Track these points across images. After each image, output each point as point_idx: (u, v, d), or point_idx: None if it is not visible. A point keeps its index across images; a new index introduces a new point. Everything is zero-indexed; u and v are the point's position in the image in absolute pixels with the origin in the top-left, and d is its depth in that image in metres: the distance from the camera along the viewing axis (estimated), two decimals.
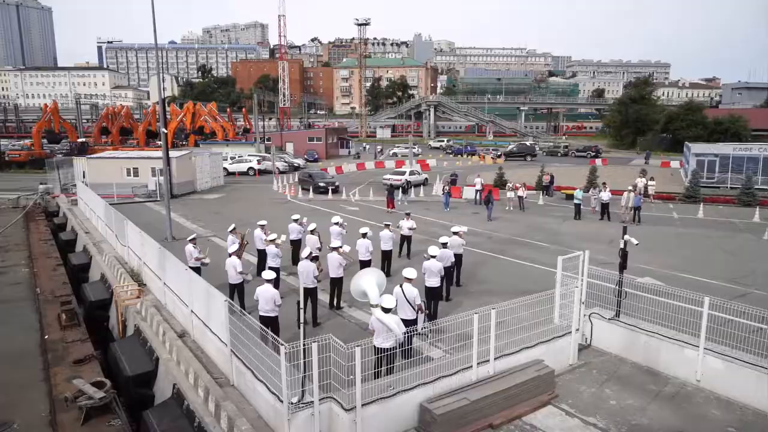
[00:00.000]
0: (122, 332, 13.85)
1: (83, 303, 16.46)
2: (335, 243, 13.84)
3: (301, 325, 7.81)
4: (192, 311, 11.04)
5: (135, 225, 16.62)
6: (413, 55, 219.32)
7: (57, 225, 28.52)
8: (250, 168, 47.97)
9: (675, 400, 9.21)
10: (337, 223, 16.69)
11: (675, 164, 53.16)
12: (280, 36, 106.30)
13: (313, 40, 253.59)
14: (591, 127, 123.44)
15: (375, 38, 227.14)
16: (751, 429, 8.37)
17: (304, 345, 7.38)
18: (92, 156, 38.08)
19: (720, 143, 43.80)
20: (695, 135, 62.94)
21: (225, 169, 44.04)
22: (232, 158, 49.41)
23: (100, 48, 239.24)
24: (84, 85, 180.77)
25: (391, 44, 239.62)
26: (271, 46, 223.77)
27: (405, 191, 33.04)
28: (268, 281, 10.42)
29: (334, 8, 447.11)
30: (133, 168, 33.45)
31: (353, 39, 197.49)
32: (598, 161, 55.03)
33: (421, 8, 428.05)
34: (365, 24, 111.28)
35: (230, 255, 12.86)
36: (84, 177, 33.14)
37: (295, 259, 17.06)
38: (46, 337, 13.35)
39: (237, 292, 12.57)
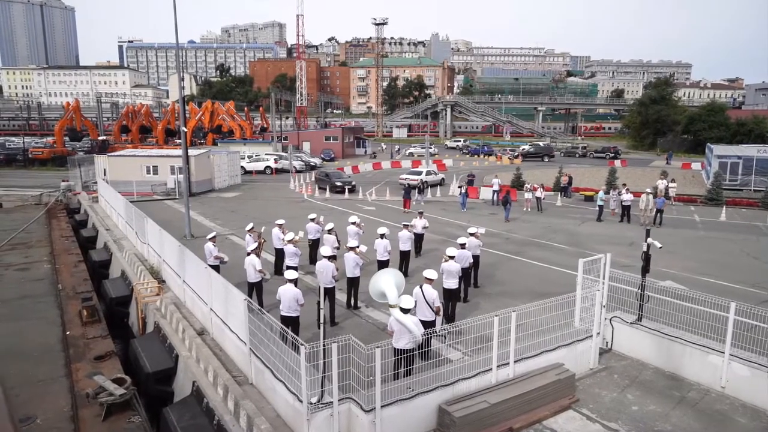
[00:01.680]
0: (142, 329, 14.00)
1: (103, 299, 16.68)
2: (352, 243, 13.83)
3: (321, 325, 7.80)
4: (211, 309, 11.11)
5: (154, 222, 16.81)
6: (430, 54, 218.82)
7: (78, 222, 29.00)
8: (267, 167, 48.26)
9: (699, 406, 9.03)
10: (354, 223, 16.67)
11: (696, 166, 52.27)
12: (298, 35, 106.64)
13: (330, 39, 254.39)
14: (610, 128, 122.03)
15: (392, 38, 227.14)
16: None
17: (324, 345, 7.38)
18: (113, 154, 38.61)
19: (743, 145, 42.90)
20: (717, 136, 61.86)
21: (242, 167, 44.36)
22: (249, 157, 49.76)
23: (120, 47, 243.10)
24: (105, 83, 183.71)
25: (408, 44, 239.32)
26: (289, 46, 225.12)
27: (420, 191, 32.94)
28: (290, 281, 10.41)
29: (351, 8, 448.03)
30: (153, 166, 33.82)
31: (370, 38, 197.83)
32: (617, 162, 54.35)
33: (438, 8, 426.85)
34: (382, 24, 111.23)
35: (249, 254, 12.92)
36: (105, 175, 33.62)
37: (313, 259, 17.17)
38: (68, 333, 13.56)
39: (255, 290, 12.62)
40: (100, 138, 62.70)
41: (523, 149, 68.08)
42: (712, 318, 9.56)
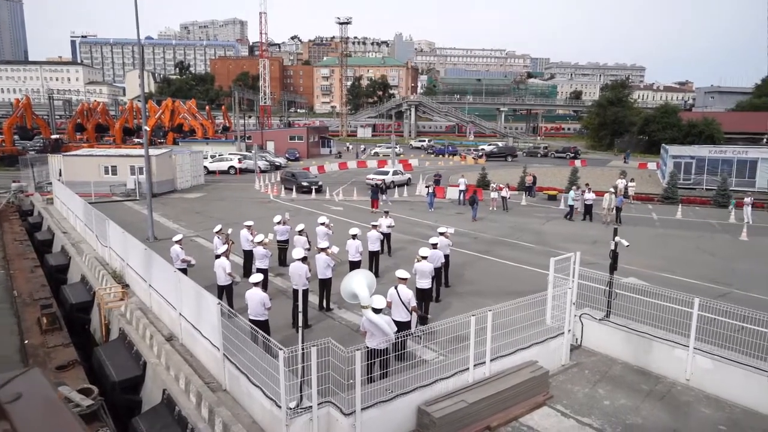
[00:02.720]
0: (105, 336, 13.49)
1: (63, 305, 15.98)
2: (323, 244, 13.72)
3: (300, 329, 7.69)
4: (180, 314, 10.80)
5: (117, 225, 16.23)
6: (394, 54, 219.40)
7: (32, 225, 27.72)
8: (231, 167, 47.39)
9: (666, 399, 9.34)
10: (323, 224, 16.53)
11: (652, 166, 54.17)
12: (261, 33, 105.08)
13: (293, 38, 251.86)
14: (569, 129, 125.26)
15: (355, 37, 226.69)
16: (741, 426, 8.53)
17: (303, 349, 7.27)
18: (68, 153, 37.11)
19: (695, 146, 44.77)
20: (671, 137, 64.25)
21: (205, 167, 43.42)
22: (212, 157, 48.75)
23: (73, 42, 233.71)
24: (57, 80, 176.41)
25: (372, 43, 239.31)
26: (251, 44, 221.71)
27: (383, 191, 32.82)
28: (255, 285, 10.21)
29: (314, 7, 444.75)
30: (112, 166, 32.71)
31: (333, 38, 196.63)
32: (578, 162, 55.77)
33: (401, 8, 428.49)
34: (346, 23, 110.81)
35: (218, 256, 12.63)
36: (60, 175, 32.30)
37: (282, 261, 16.95)
38: (26, 341, 12.92)
39: (225, 293, 12.35)
40: (53, 137, 60.14)
41: (482, 149, 68.91)
42: (675, 313, 9.91)
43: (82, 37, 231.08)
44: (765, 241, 22.84)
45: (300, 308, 7.78)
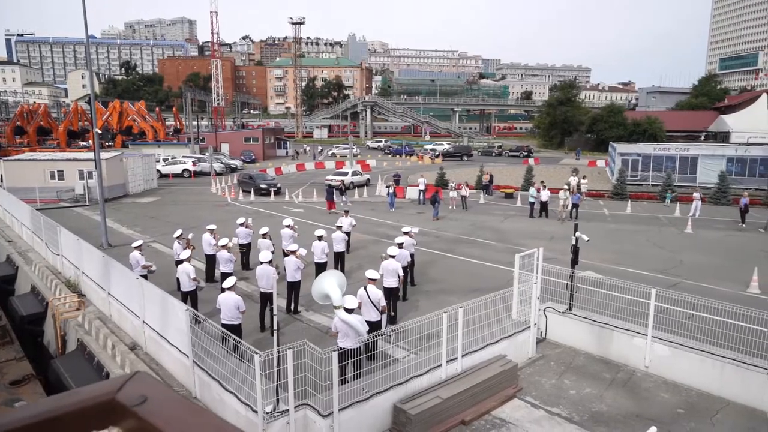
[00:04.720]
0: (61, 348, 12.90)
1: (12, 318, 15.18)
2: (291, 246, 13.60)
3: (275, 332, 7.61)
4: (144, 322, 10.47)
5: (69, 232, 15.55)
6: (347, 55, 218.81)
7: None
8: (185, 170, 46.14)
9: (628, 386, 9.77)
10: (288, 226, 16.38)
11: (600, 163, 56.22)
12: (212, 33, 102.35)
13: (244, 38, 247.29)
14: (521, 128, 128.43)
15: (308, 37, 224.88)
16: (697, 408, 9.02)
17: (278, 352, 7.21)
18: (10, 158, 35.23)
19: (641, 143, 46.75)
20: (617, 135, 66.84)
21: (158, 171, 42.09)
22: (165, 160, 47.33)
23: (8, 41, 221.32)
24: None
25: (325, 44, 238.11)
26: (200, 43, 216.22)
27: (342, 192, 32.77)
28: (229, 289, 10.06)
29: (264, 6, 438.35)
30: (58, 170, 31.27)
31: (286, 38, 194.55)
32: (531, 160, 57.27)
33: (354, 9, 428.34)
34: (300, 23, 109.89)
35: (181, 261, 12.32)
36: (1, 181, 30.63)
37: (245, 264, 16.71)
38: None
39: (190, 299, 12.04)
40: None
41: (431, 149, 69.52)
42: (631, 303, 10.40)
43: (19, 35, 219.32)
44: (708, 233, 24.16)
45: (275, 311, 7.71)
